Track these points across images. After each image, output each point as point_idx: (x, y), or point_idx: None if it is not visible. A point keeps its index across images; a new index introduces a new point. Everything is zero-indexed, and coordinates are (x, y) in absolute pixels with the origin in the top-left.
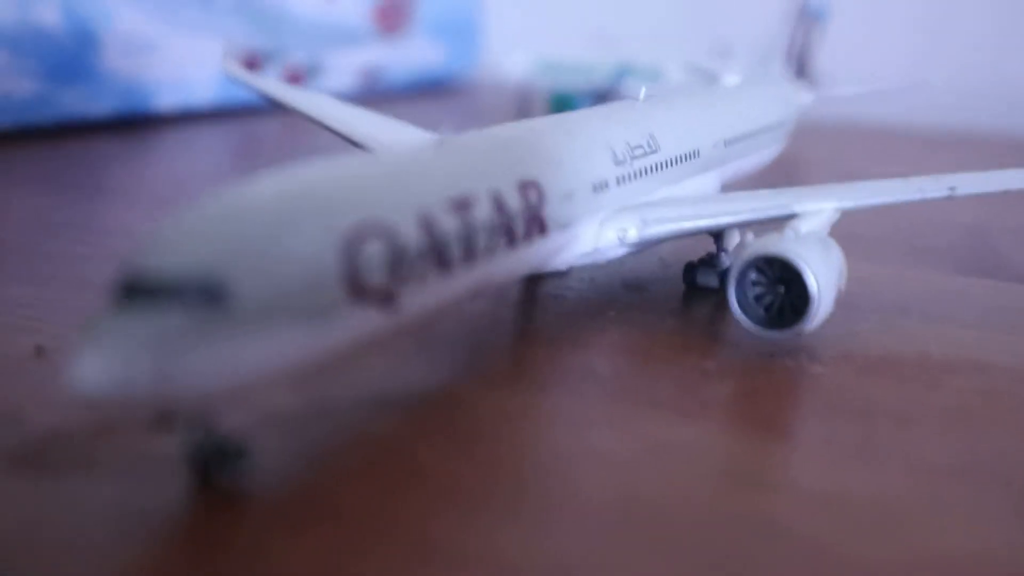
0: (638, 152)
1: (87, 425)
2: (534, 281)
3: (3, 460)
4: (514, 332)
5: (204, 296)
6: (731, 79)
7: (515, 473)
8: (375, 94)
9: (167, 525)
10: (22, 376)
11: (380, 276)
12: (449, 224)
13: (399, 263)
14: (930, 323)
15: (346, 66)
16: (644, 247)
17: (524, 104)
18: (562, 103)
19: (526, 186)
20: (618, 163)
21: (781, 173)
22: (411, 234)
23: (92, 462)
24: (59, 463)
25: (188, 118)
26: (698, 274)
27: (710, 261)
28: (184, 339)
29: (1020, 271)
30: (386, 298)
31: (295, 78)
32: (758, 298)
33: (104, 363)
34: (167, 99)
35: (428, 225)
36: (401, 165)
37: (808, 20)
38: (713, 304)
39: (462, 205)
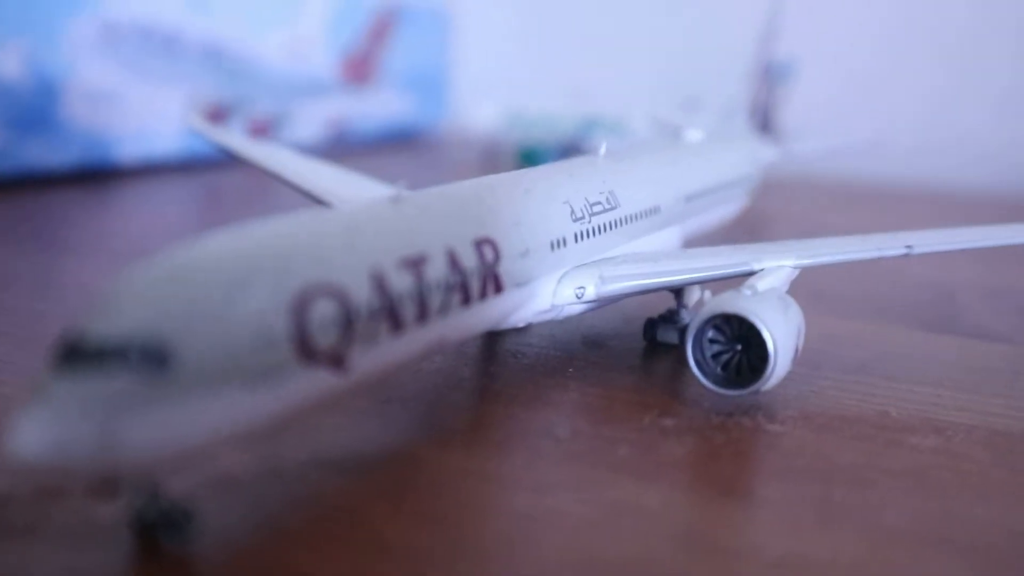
0: (597, 208)
1: (30, 490)
2: (493, 337)
3: None
4: (472, 390)
5: (148, 359)
6: (695, 134)
7: (476, 538)
8: (342, 145)
9: None
10: None
11: (330, 337)
12: (402, 283)
13: (350, 323)
14: (890, 381)
15: (313, 117)
16: (603, 304)
17: (491, 157)
18: (529, 156)
19: (482, 244)
20: (576, 220)
21: (745, 227)
22: (362, 294)
23: (35, 527)
24: (1, 528)
25: (151, 170)
26: (658, 330)
27: (670, 317)
28: (127, 404)
29: (978, 327)
30: (336, 359)
31: (262, 129)
32: (716, 356)
33: (45, 428)
34: (129, 150)
35: (380, 284)
36: (354, 223)
37: (772, 79)
38: (673, 360)
39: (416, 263)
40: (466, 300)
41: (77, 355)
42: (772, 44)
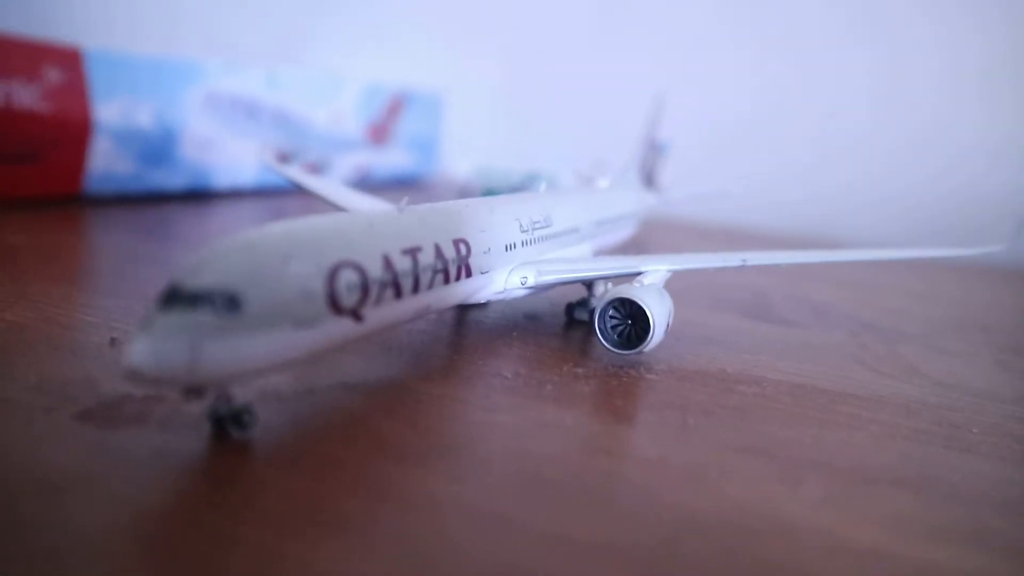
0: (537, 225)
1: (141, 393)
2: (463, 310)
3: (80, 414)
4: (448, 344)
5: (225, 303)
6: (603, 183)
7: (443, 438)
8: (365, 184)
9: (194, 463)
10: (100, 358)
11: (353, 298)
12: (403, 264)
13: (367, 289)
14: (725, 350)
15: (346, 164)
16: (539, 291)
17: (464, 195)
18: (490, 195)
19: (458, 242)
20: (523, 231)
21: (634, 248)
22: (376, 269)
23: (143, 418)
24: (119, 418)
25: (236, 194)
26: (575, 311)
27: (583, 302)
28: (209, 333)
29: (782, 317)
30: (356, 313)
31: (312, 169)
32: (614, 328)
33: (150, 346)
34: (223, 180)
35: (388, 264)
36: (372, 222)
37: (655, 151)
38: (584, 331)
39: (413, 251)
40: (446, 280)
41: (175, 298)
42: (656, 124)
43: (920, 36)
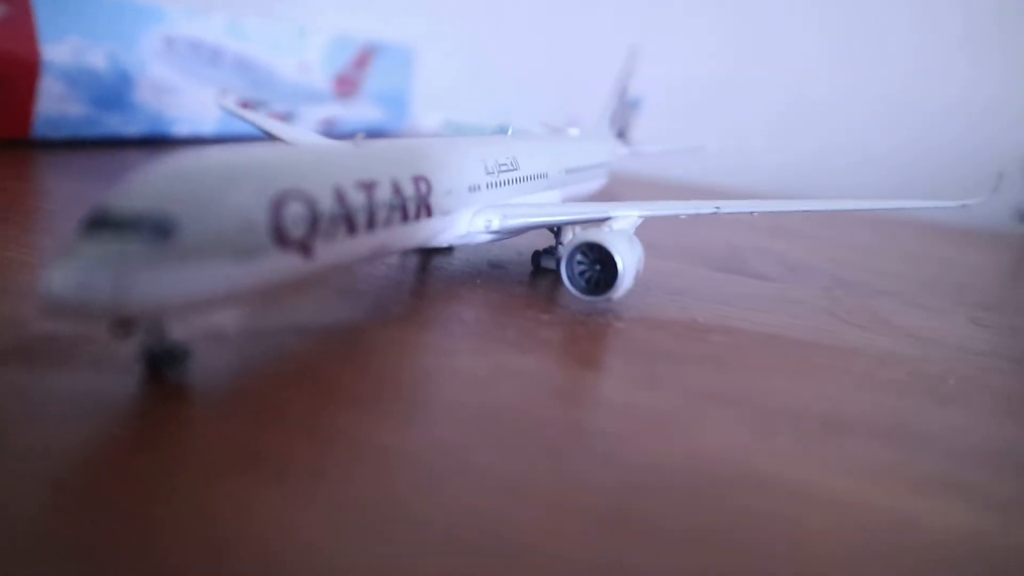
0: (503, 168)
1: (70, 331)
2: (425, 255)
3: (3, 353)
4: (408, 290)
5: (156, 230)
6: (575, 131)
7: (397, 384)
8: (332, 137)
9: (125, 407)
10: (31, 298)
11: (300, 230)
12: (357, 198)
13: (316, 222)
14: (698, 300)
15: (312, 117)
16: (504, 236)
17: None
18: None
19: (418, 179)
20: (488, 173)
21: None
22: (326, 202)
23: (71, 358)
24: (44, 359)
25: (198, 143)
26: (542, 259)
27: (551, 250)
28: (138, 262)
29: (756, 271)
30: (305, 248)
31: (278, 120)
32: (581, 274)
33: (72, 274)
34: (183, 127)
35: (340, 197)
36: (325, 152)
37: (628, 105)
38: (552, 280)
39: (368, 185)
40: (404, 218)
41: (101, 224)
42: (629, 78)
43: None
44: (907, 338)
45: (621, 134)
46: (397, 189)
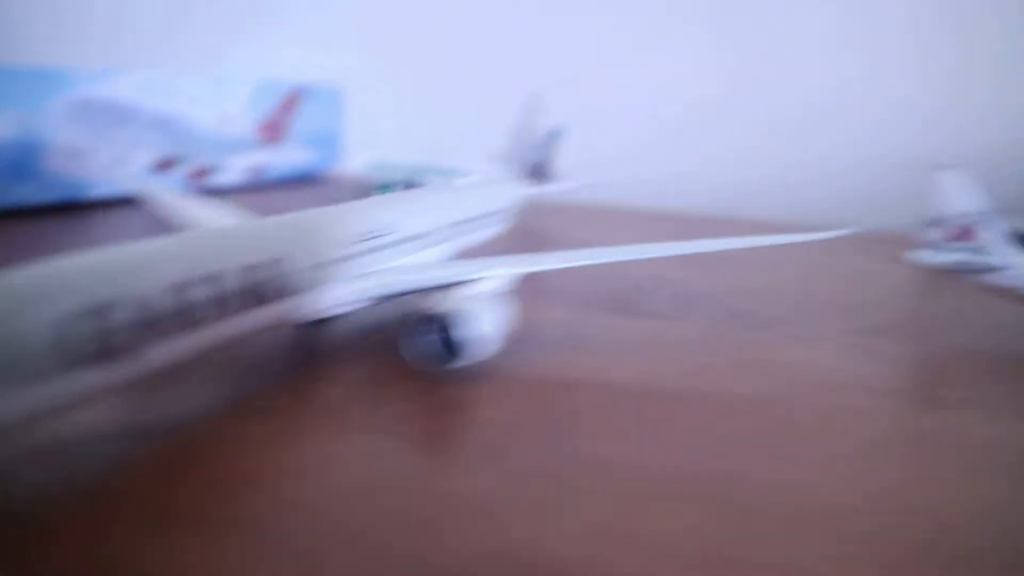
0: (376, 234)
1: None
2: (306, 328)
3: None
4: (269, 371)
5: None
6: (467, 179)
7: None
8: (259, 184)
9: None
10: None
11: (110, 339)
12: (196, 293)
13: (137, 327)
14: (576, 352)
15: (237, 165)
16: (380, 302)
17: (360, 191)
18: (383, 188)
19: (274, 261)
20: (362, 240)
21: (535, 239)
22: (154, 304)
23: None
24: None
25: (121, 203)
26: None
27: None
28: None
29: (650, 309)
30: (119, 354)
31: (201, 174)
32: (433, 342)
33: None
34: (100, 189)
35: (169, 297)
36: (154, 252)
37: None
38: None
39: (210, 279)
40: (260, 302)
41: None
42: (531, 126)
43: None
44: (779, 380)
45: (538, 172)
46: (248, 274)
